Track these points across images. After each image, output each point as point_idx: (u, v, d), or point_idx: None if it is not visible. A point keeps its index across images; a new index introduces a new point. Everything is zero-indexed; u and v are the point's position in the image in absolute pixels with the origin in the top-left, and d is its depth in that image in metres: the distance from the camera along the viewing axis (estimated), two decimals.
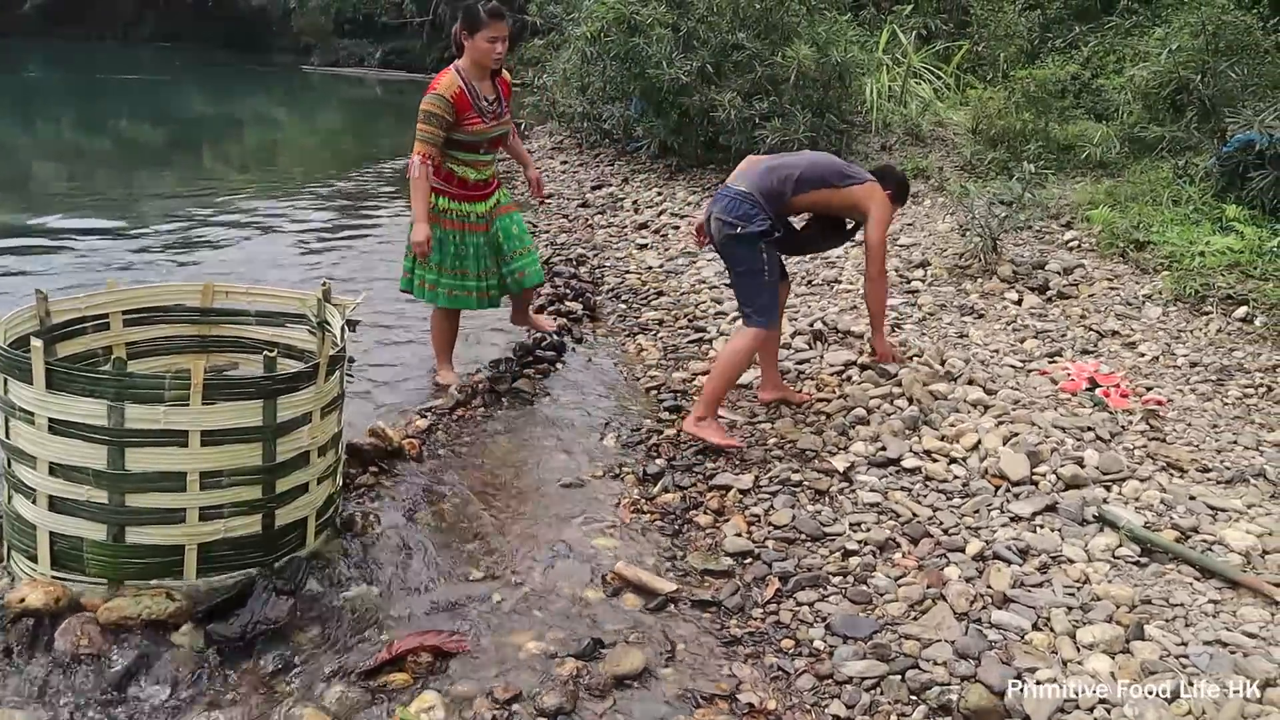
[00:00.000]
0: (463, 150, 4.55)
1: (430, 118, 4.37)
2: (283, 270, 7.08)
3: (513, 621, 2.98)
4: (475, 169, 4.63)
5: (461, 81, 4.42)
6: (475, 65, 4.46)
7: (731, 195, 4.10)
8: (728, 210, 4.07)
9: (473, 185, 4.66)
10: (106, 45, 41.47)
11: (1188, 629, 2.72)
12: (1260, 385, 4.44)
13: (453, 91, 4.38)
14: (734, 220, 4.04)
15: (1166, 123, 7.82)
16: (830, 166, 4.24)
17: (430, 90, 4.41)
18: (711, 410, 4.15)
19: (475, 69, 4.47)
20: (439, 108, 4.36)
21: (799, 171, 4.12)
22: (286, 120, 20.49)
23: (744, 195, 4.07)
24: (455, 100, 4.38)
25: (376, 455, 3.93)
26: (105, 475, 2.73)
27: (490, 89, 4.56)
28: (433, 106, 4.36)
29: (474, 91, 4.45)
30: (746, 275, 4.11)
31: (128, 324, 3.56)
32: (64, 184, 10.91)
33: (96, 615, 2.72)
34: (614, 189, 9.91)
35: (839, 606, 3.00)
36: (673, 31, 9.30)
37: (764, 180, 4.10)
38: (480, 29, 4.38)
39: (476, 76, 4.48)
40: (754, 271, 4.09)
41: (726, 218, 4.06)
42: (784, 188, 4.09)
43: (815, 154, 4.62)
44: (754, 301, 4.10)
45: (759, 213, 4.03)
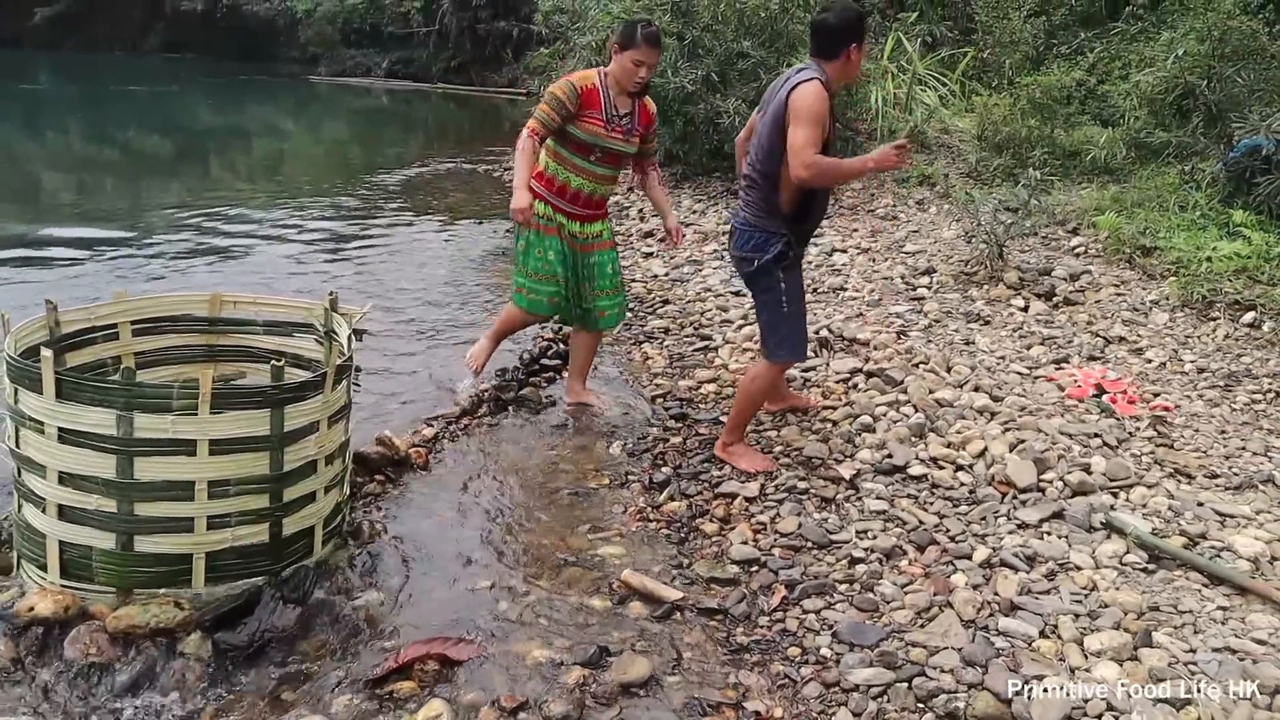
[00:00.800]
0: (574, 151, 4.33)
1: (552, 99, 4.22)
2: (290, 280, 7.10)
3: (519, 630, 2.98)
4: (584, 179, 4.39)
5: (599, 81, 4.29)
6: (616, 80, 4.29)
7: (739, 227, 3.91)
8: (739, 245, 3.91)
9: (578, 199, 4.45)
10: (115, 56, 41.68)
11: (1196, 636, 2.72)
12: (1269, 391, 4.43)
13: (585, 85, 4.24)
14: (748, 255, 3.86)
15: (1173, 128, 7.80)
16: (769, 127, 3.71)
17: (565, 77, 4.32)
18: (738, 435, 4.08)
19: (616, 83, 4.30)
20: (564, 93, 4.21)
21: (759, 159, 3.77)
22: (294, 130, 20.56)
23: (749, 225, 3.86)
24: (583, 94, 4.22)
25: (383, 464, 3.94)
26: (114, 484, 2.74)
27: (627, 105, 4.36)
28: (558, 90, 4.23)
29: (608, 96, 4.29)
30: (768, 305, 3.92)
31: (136, 334, 3.57)
32: (73, 194, 10.96)
33: (105, 624, 2.74)
34: (619, 197, 9.92)
35: (845, 614, 2.99)
36: (678, 40, 9.31)
37: (749, 194, 3.87)
38: (631, 48, 4.17)
39: (616, 89, 4.30)
40: (775, 302, 3.88)
41: (740, 253, 3.92)
42: (766, 182, 3.78)
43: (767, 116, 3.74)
44: (776, 333, 3.92)
45: (769, 237, 3.80)
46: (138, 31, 45.54)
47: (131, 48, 44.79)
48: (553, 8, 14.63)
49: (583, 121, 4.26)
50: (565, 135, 4.31)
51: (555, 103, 4.20)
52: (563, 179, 4.39)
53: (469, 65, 32.00)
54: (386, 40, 35.03)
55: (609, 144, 4.32)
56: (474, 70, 31.81)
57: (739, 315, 5.89)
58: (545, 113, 4.22)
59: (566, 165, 4.37)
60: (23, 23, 41.31)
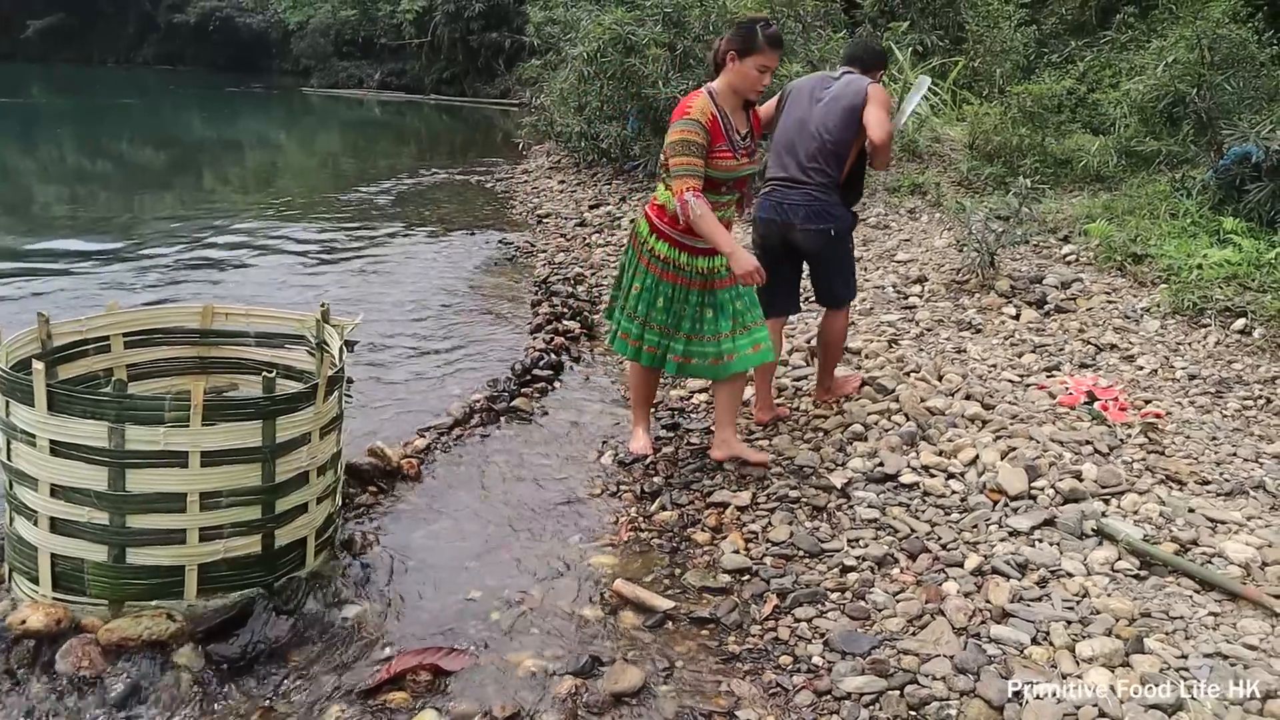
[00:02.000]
0: (708, 189, 3.75)
1: (689, 148, 3.67)
2: (282, 291, 7.10)
3: (511, 640, 2.98)
4: (718, 209, 3.83)
5: (715, 107, 3.76)
6: (734, 92, 3.79)
7: (804, 203, 4.19)
8: (810, 220, 4.19)
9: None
10: (108, 69, 41.69)
11: (1188, 641, 2.72)
12: (1259, 397, 4.45)
13: (707, 116, 3.71)
14: (824, 226, 4.21)
15: (1163, 136, 7.86)
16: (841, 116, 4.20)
17: (680, 114, 3.73)
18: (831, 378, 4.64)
19: (732, 96, 3.80)
20: (698, 135, 3.67)
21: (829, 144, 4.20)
22: (286, 142, 20.58)
23: (818, 200, 4.19)
24: (710, 127, 3.71)
25: (376, 475, 3.94)
26: (106, 496, 2.74)
27: (743, 121, 3.88)
28: (690, 133, 3.67)
29: (727, 121, 3.77)
30: (841, 261, 4.40)
31: (128, 346, 3.57)
32: (66, 206, 10.96)
33: (97, 636, 2.73)
34: (611, 208, 9.95)
35: (837, 622, 2.99)
36: (669, 51, 9.35)
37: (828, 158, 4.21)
38: (754, 53, 3.68)
39: (731, 104, 3.80)
40: (847, 255, 4.43)
41: (814, 225, 4.20)
42: (835, 163, 4.22)
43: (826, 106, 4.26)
44: (847, 283, 4.48)
45: (838, 206, 4.25)
46: (131, 44, 45.65)
47: (124, 60, 44.87)
48: (544, 19, 14.71)
49: (714, 158, 3.73)
50: None
51: (695, 149, 3.67)
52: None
53: (461, 76, 32.12)
54: (379, 52, 35.16)
55: (740, 173, 3.86)
56: (466, 81, 31.93)
57: None
58: (690, 165, 3.67)
59: None
60: (14, 36, 41.33)
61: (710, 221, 3.63)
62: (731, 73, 3.75)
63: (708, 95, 3.79)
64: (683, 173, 3.66)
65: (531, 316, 6.49)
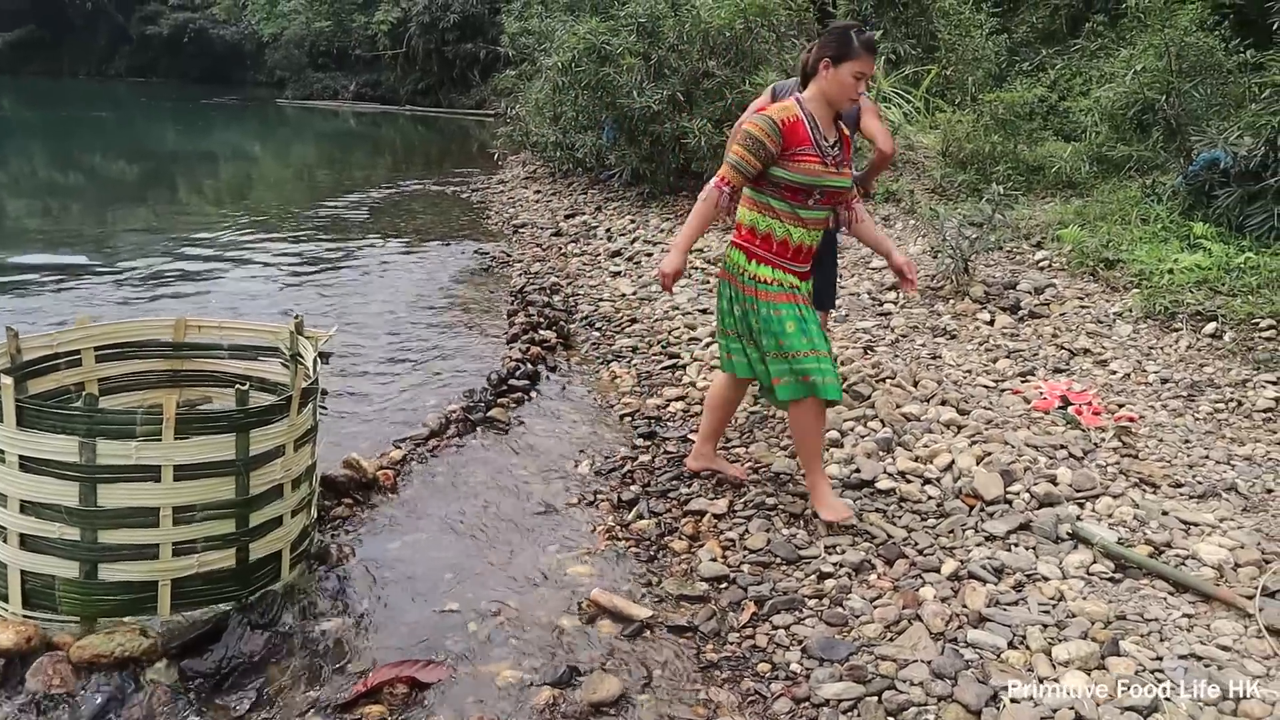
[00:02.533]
0: (786, 198, 3.47)
1: (749, 141, 3.40)
2: (256, 303, 7.06)
3: (488, 651, 2.97)
4: (803, 227, 3.52)
5: (801, 112, 3.46)
6: (826, 101, 3.48)
7: None
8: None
9: (800, 254, 3.56)
10: (79, 82, 41.41)
11: (1163, 643, 2.74)
12: (1230, 400, 4.49)
13: (786, 117, 3.42)
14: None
15: (1133, 142, 7.94)
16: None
17: (758, 111, 3.55)
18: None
19: (824, 105, 3.49)
20: (765, 132, 3.38)
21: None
22: (261, 154, 20.49)
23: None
24: (787, 128, 3.40)
25: (351, 486, 3.92)
26: (77, 512, 2.71)
27: (833, 131, 3.55)
28: (756, 129, 3.40)
29: (814, 125, 3.46)
30: (831, 260, 4.67)
31: (100, 360, 3.54)
32: (37, 220, 10.86)
33: (69, 654, 2.70)
34: (587, 217, 9.96)
35: (815, 629, 3.00)
36: (643, 61, 9.37)
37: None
38: (850, 59, 3.40)
39: (822, 114, 3.50)
40: (833, 255, 4.72)
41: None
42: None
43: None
44: (834, 282, 4.78)
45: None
46: (103, 57, 45.38)
47: (96, 73, 44.59)
48: (519, 29, 14.72)
49: (794, 161, 3.42)
50: (769, 180, 3.48)
51: (753, 144, 3.40)
52: (782, 233, 3.51)
53: (436, 87, 32.08)
54: (354, 63, 35.07)
55: (830, 182, 3.49)
56: (441, 92, 31.90)
57: (706, 333, 5.91)
58: (740, 157, 3.42)
59: (779, 215, 3.51)
60: None
61: (701, 212, 3.46)
62: (825, 80, 3.46)
63: (795, 102, 3.51)
64: (730, 162, 3.45)
65: (507, 326, 6.49)
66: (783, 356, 3.49)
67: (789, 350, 3.47)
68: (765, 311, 3.51)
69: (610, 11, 10.65)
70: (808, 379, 3.47)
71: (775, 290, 3.51)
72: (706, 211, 3.46)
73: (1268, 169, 6.02)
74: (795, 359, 3.47)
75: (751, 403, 4.80)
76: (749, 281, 3.53)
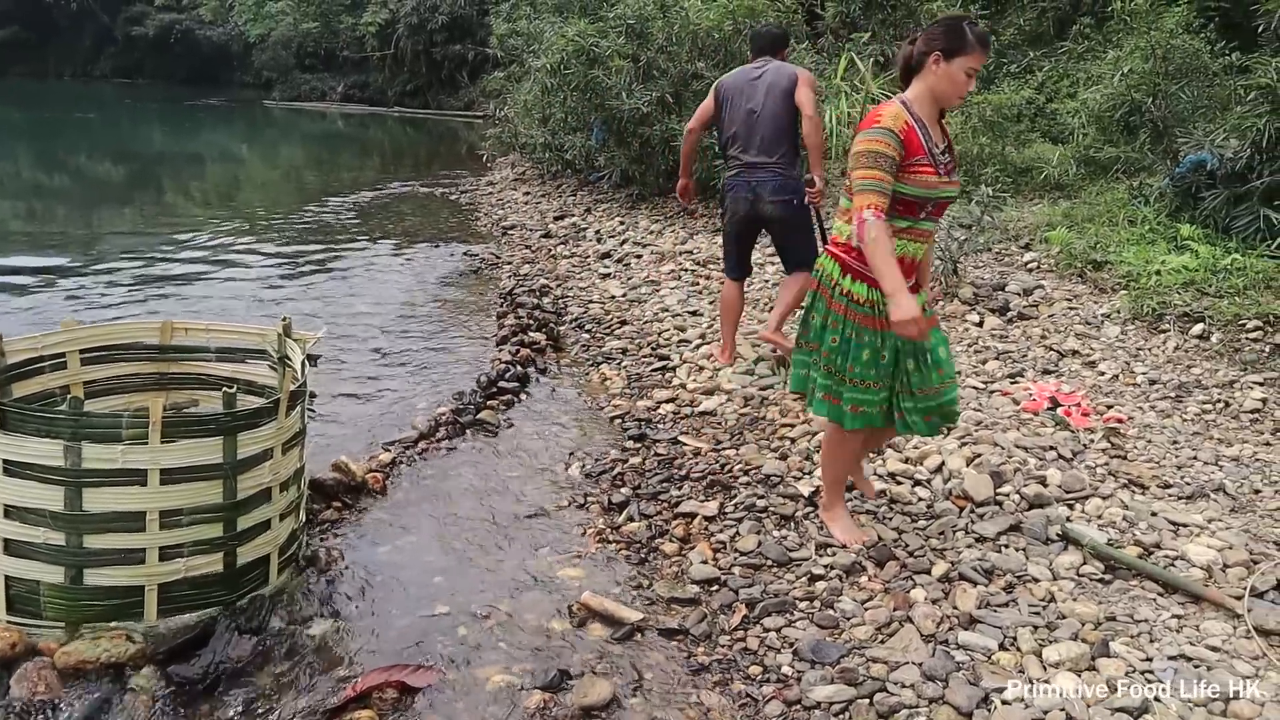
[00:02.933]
0: (898, 213, 3.14)
1: (878, 160, 3.04)
2: (244, 305, 7.03)
3: (478, 655, 2.95)
4: (914, 240, 3.23)
5: (910, 115, 3.14)
6: (935, 99, 3.18)
7: (770, 180, 4.94)
8: (777, 192, 4.95)
9: (907, 267, 3.20)
10: (64, 83, 41.22)
11: (1152, 644, 2.74)
12: (1218, 401, 4.50)
13: (901, 125, 3.09)
14: (787, 197, 4.96)
15: (1120, 144, 7.96)
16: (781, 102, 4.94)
17: (870, 123, 3.12)
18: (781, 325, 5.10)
19: (931, 104, 3.19)
20: (890, 146, 3.05)
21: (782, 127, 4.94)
22: (248, 155, 20.42)
23: (781, 176, 4.94)
24: (905, 138, 3.08)
25: (340, 489, 3.90)
26: (62, 517, 2.69)
27: (940, 134, 3.23)
28: (881, 144, 3.05)
29: (926, 132, 3.14)
30: (805, 227, 5.11)
31: (86, 362, 3.52)
32: (23, 222, 10.80)
33: (54, 660, 2.68)
34: (576, 219, 9.95)
35: (806, 631, 2.99)
36: (632, 62, 9.37)
37: (783, 139, 4.93)
38: (964, 52, 3.11)
39: (928, 114, 3.18)
40: (810, 222, 5.13)
41: (780, 197, 4.95)
42: (792, 142, 4.94)
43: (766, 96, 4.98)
44: (812, 246, 5.06)
45: (798, 182, 4.99)
46: (88, 58, 45.18)
47: (82, 74, 44.40)
48: (508, 31, 14.69)
49: (909, 173, 3.10)
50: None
51: (886, 163, 3.05)
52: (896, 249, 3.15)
53: (425, 89, 32.03)
54: (341, 64, 34.99)
55: (944, 193, 3.20)
56: (430, 94, 31.84)
57: (696, 335, 5.91)
58: (878, 180, 3.04)
59: (895, 231, 3.17)
60: None
61: (883, 251, 2.98)
62: (935, 75, 3.14)
63: (901, 104, 3.16)
64: (866, 187, 3.04)
65: (497, 328, 6.47)
66: (837, 377, 3.27)
67: (851, 378, 3.24)
68: (846, 332, 3.23)
69: (599, 13, 10.65)
70: (836, 401, 3.28)
71: (865, 313, 3.19)
72: (885, 240, 2.99)
73: (1253, 171, 6.04)
74: (848, 385, 3.25)
75: (742, 404, 4.80)
76: (839, 297, 3.22)
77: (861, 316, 3.20)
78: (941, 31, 3.17)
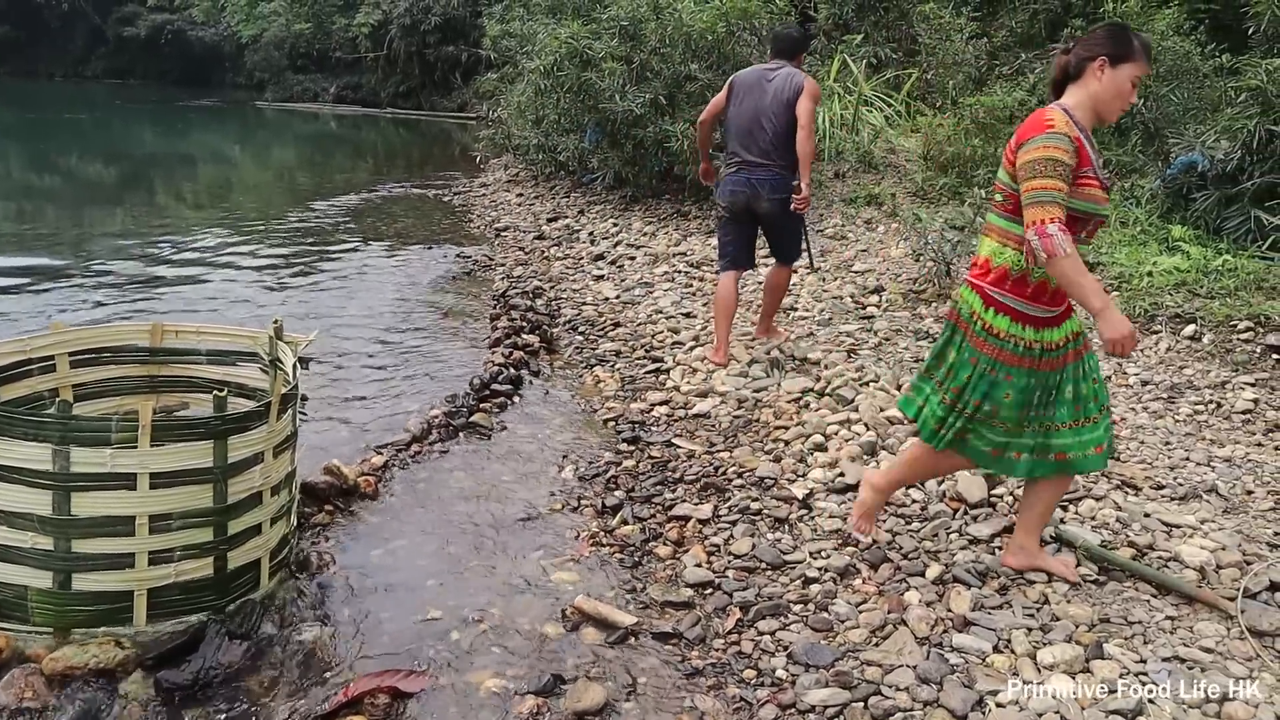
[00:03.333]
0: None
1: (1057, 168, 2.72)
2: (235, 308, 7.00)
3: (471, 659, 2.94)
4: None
5: (1074, 123, 2.83)
6: (1097, 109, 2.91)
7: (769, 179, 5.20)
8: (775, 190, 5.20)
9: (1059, 292, 2.91)
10: (55, 84, 41.10)
11: (1146, 646, 2.74)
12: (1210, 402, 4.51)
13: (1074, 134, 2.78)
14: (785, 196, 5.19)
15: (1112, 146, 7.97)
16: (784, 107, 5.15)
17: (1040, 128, 2.79)
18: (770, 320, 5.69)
19: (1093, 114, 2.91)
20: (1068, 154, 2.74)
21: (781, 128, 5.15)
22: (240, 156, 20.36)
23: (780, 175, 5.19)
24: (1078, 145, 2.79)
25: (332, 493, 3.88)
26: (50, 521, 2.67)
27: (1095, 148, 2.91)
28: (1060, 150, 2.73)
29: (1091, 142, 2.86)
30: (796, 227, 5.47)
31: (75, 365, 3.50)
32: (11, 223, 10.73)
33: (41, 666, 2.65)
34: (570, 220, 9.94)
35: (800, 635, 2.98)
36: (625, 64, 9.36)
37: (784, 144, 5.13)
38: (1130, 59, 2.87)
39: (1088, 125, 2.90)
40: (800, 219, 5.46)
41: (778, 195, 5.20)
42: (790, 142, 5.12)
43: (773, 101, 5.20)
44: (797, 245, 5.52)
45: (793, 177, 5.17)
46: (79, 58, 45.06)
47: (73, 75, 44.28)
48: (501, 32, 14.68)
49: (1079, 186, 2.80)
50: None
51: (1065, 173, 2.74)
52: (1040, 272, 2.85)
53: (418, 90, 31.99)
54: (334, 65, 34.94)
55: (1104, 211, 2.89)
56: (423, 95, 31.81)
57: (690, 337, 5.90)
58: (1056, 192, 2.72)
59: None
60: None
61: (1075, 265, 2.68)
62: (1101, 83, 2.87)
63: (1061, 111, 2.85)
64: (1045, 199, 2.72)
65: (490, 330, 6.45)
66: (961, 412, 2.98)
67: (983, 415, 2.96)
68: (984, 368, 2.92)
69: (592, 15, 10.64)
70: (998, 453, 2.99)
71: (1010, 350, 2.89)
72: (1076, 256, 2.69)
73: (1244, 172, 6.06)
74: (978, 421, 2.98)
75: (736, 406, 4.80)
76: (980, 332, 2.93)
77: (1005, 355, 2.90)
78: (1106, 36, 2.92)
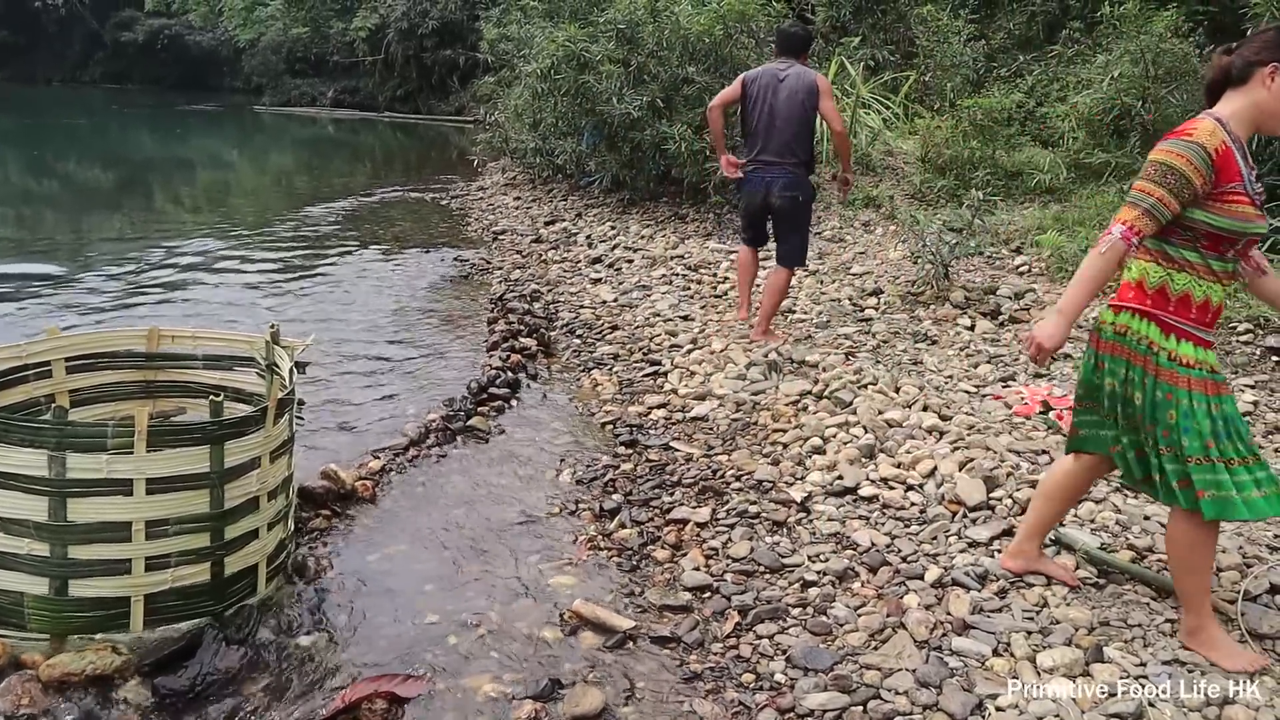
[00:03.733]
0: (1202, 249, 2.62)
1: (1167, 175, 2.54)
2: (232, 312, 7.00)
3: (469, 664, 2.93)
4: (1220, 284, 2.66)
5: (1227, 135, 2.58)
6: (1254, 120, 2.63)
7: (783, 178, 5.49)
8: (787, 188, 5.50)
9: (1217, 315, 2.70)
10: (53, 89, 41.10)
11: (1146, 649, 2.73)
12: None
13: (1218, 145, 2.54)
14: (796, 193, 5.52)
15: (1110, 148, 7.97)
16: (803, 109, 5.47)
17: (1178, 133, 2.60)
18: (764, 325, 5.73)
19: (1248, 125, 2.64)
20: (1194, 167, 2.53)
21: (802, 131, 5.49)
22: (238, 161, 20.36)
23: (795, 175, 5.50)
24: (1219, 160, 2.54)
25: (329, 498, 3.87)
26: (46, 527, 2.66)
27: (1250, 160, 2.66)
28: (1181, 159, 2.53)
29: (1244, 155, 2.61)
30: (802, 227, 5.69)
31: (71, 370, 3.49)
32: (11, 229, 10.73)
33: (38, 672, 2.65)
34: (567, 224, 9.93)
35: (799, 638, 2.97)
36: (623, 67, 9.35)
37: (797, 143, 5.48)
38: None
39: (1245, 137, 2.64)
40: (807, 223, 5.74)
41: (790, 193, 5.50)
42: (808, 144, 5.55)
43: (787, 101, 5.47)
44: (804, 248, 5.79)
45: (805, 176, 5.56)
46: (77, 63, 45.06)
47: (71, 79, 44.27)
48: (498, 36, 14.67)
49: (1222, 202, 2.56)
50: (1181, 225, 2.62)
51: (1177, 181, 2.53)
52: (1201, 294, 2.64)
53: (415, 94, 31.96)
54: (332, 69, 34.91)
55: (1256, 229, 2.63)
56: (420, 99, 31.78)
57: (688, 340, 5.89)
58: (1159, 200, 2.55)
59: (1201, 272, 2.64)
60: None
61: (1090, 270, 2.61)
62: (1268, 91, 2.58)
63: (1214, 121, 2.59)
64: (1133, 199, 2.59)
65: (488, 334, 6.45)
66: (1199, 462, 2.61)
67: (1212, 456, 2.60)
68: (1186, 404, 2.60)
69: (589, 18, 10.63)
70: (1203, 495, 2.60)
71: (1199, 376, 2.61)
72: (1108, 269, 2.60)
73: None
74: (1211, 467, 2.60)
75: (734, 409, 4.79)
76: (1166, 363, 2.62)
77: (1196, 382, 2.61)
78: (1270, 38, 2.60)
